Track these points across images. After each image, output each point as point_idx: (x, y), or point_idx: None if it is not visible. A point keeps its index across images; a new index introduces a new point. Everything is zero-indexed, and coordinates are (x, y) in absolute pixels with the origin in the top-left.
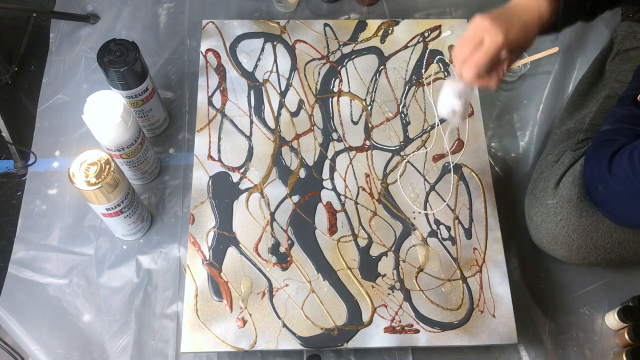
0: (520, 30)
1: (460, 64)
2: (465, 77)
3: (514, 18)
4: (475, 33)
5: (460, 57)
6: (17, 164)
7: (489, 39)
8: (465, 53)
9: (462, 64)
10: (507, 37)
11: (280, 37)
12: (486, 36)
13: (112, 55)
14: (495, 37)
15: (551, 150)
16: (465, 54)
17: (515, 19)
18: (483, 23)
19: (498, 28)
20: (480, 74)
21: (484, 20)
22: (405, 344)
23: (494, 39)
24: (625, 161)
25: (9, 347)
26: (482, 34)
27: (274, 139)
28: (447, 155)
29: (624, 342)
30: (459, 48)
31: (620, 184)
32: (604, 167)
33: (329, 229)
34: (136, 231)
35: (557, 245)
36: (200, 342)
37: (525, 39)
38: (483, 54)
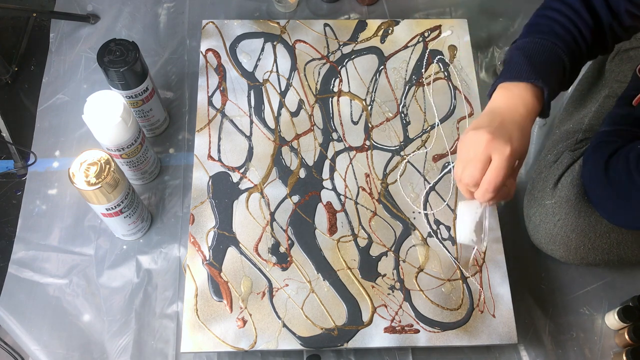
0: (520, 133)
1: (473, 187)
2: (484, 199)
3: (509, 123)
4: (477, 150)
5: (471, 180)
6: (17, 164)
7: (497, 155)
8: (476, 175)
9: (474, 187)
10: (513, 147)
11: (280, 37)
12: (493, 153)
13: (112, 55)
14: (503, 151)
15: (550, 151)
16: (477, 176)
17: (510, 124)
18: (482, 138)
19: (502, 140)
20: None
21: (481, 134)
22: (405, 344)
23: (502, 154)
24: (621, 164)
25: (9, 347)
26: (486, 150)
27: (274, 139)
28: (447, 155)
29: (624, 342)
30: (464, 170)
31: (616, 186)
32: (600, 169)
33: (329, 229)
34: (136, 231)
35: (556, 245)
36: (200, 342)
37: (525, 138)
38: (497, 171)
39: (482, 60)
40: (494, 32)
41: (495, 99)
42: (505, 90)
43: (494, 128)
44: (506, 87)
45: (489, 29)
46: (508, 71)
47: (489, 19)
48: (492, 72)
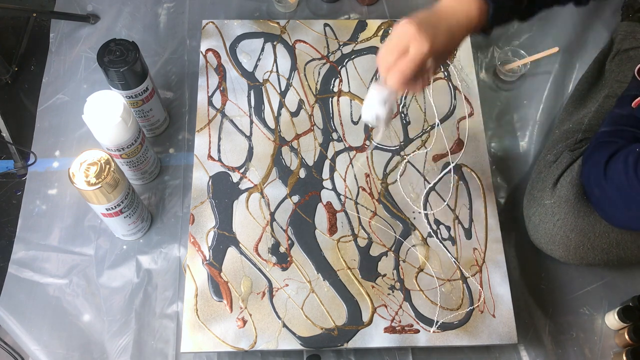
0: (447, 36)
1: (385, 71)
2: (390, 84)
3: (441, 24)
4: (400, 39)
5: (385, 64)
6: (17, 164)
7: (414, 47)
8: (389, 60)
9: (387, 71)
10: (433, 46)
11: (280, 37)
12: (412, 44)
13: (112, 55)
14: (421, 46)
15: (550, 150)
16: (390, 61)
17: (442, 25)
18: (409, 29)
19: (424, 36)
20: (406, 81)
21: (409, 26)
22: (405, 344)
23: (419, 48)
24: (620, 166)
25: (9, 347)
26: (407, 41)
27: (274, 139)
28: (447, 155)
29: (624, 342)
30: (384, 54)
31: (615, 188)
32: (600, 170)
33: (329, 229)
34: (136, 231)
35: (555, 245)
36: (200, 342)
37: (452, 44)
38: (408, 62)
39: (482, 60)
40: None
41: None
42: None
43: (425, 24)
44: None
45: None
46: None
47: None
48: (492, 72)
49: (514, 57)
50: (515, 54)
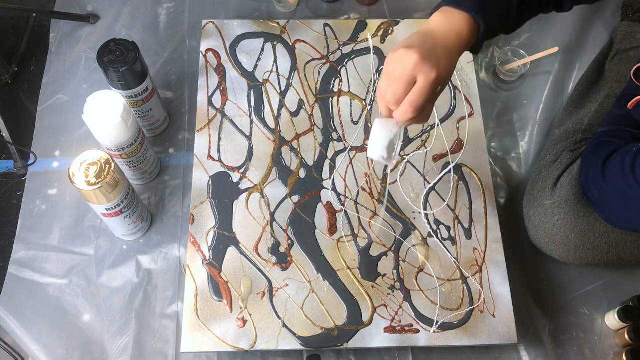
0: (448, 60)
1: (393, 105)
2: (402, 119)
3: (440, 49)
4: (404, 70)
5: (393, 98)
6: (17, 164)
7: (423, 77)
8: (398, 93)
9: (395, 105)
10: (439, 72)
11: (280, 37)
12: (419, 74)
13: (112, 55)
14: (429, 75)
15: (549, 151)
16: (398, 94)
17: (441, 50)
18: (411, 58)
19: (430, 64)
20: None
21: (411, 55)
22: (405, 344)
23: (428, 77)
24: (617, 166)
25: (9, 347)
26: (413, 71)
27: (274, 139)
28: (447, 155)
29: (624, 342)
30: (387, 86)
31: (612, 188)
32: (598, 170)
33: (329, 229)
34: (136, 231)
35: (555, 245)
36: (200, 342)
37: (452, 68)
38: (420, 93)
39: (482, 60)
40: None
41: (433, 21)
42: (445, 15)
43: (425, 50)
44: (446, 12)
45: None
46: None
47: None
48: (492, 72)
49: (514, 57)
50: (515, 54)
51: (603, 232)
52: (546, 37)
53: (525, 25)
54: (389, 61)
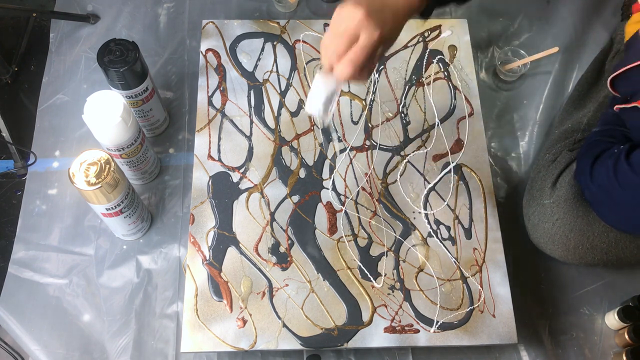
0: (393, 22)
1: (334, 60)
2: (341, 75)
3: (388, 8)
4: (348, 26)
5: (334, 53)
6: (17, 164)
7: (365, 35)
8: (339, 48)
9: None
10: (383, 32)
11: (280, 37)
12: (362, 31)
13: (112, 55)
14: (372, 33)
15: (548, 150)
16: (340, 49)
17: (388, 10)
18: (356, 15)
19: (374, 23)
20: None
21: (356, 12)
22: (405, 344)
23: (371, 35)
24: (602, 168)
25: (9, 347)
26: (356, 28)
27: (274, 139)
28: (447, 155)
29: (624, 342)
30: (331, 41)
31: (599, 189)
32: (587, 171)
33: (329, 229)
34: (136, 231)
35: (554, 245)
36: (200, 342)
37: (398, 30)
38: (361, 51)
39: (482, 60)
40: (494, 32)
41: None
42: None
43: (372, 8)
44: None
45: (489, 28)
46: None
47: (489, 18)
48: (492, 72)
49: (514, 57)
50: (515, 54)
51: (602, 232)
52: (546, 37)
53: (525, 25)
54: (336, 16)
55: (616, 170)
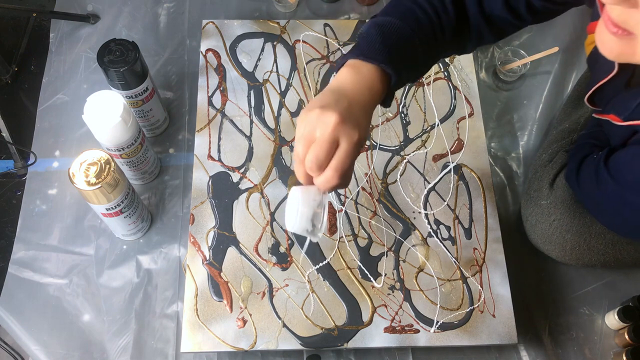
0: (366, 119)
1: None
2: (326, 186)
3: (356, 107)
4: (324, 132)
5: (317, 164)
6: (17, 164)
7: (346, 140)
8: (321, 158)
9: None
10: (361, 133)
11: (280, 37)
12: (342, 137)
13: (112, 55)
14: (352, 137)
15: (545, 150)
16: (322, 159)
17: (357, 108)
18: (330, 120)
19: (351, 125)
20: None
21: (329, 116)
22: (405, 344)
23: (351, 139)
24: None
25: (9, 347)
26: (333, 133)
27: (274, 139)
28: (447, 155)
29: (624, 342)
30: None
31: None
32: (573, 176)
33: (329, 229)
34: (136, 231)
35: (551, 245)
36: (200, 342)
37: (369, 126)
38: (345, 158)
39: (482, 60)
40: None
41: (342, 77)
42: (354, 70)
43: (343, 110)
44: (355, 66)
45: None
46: (361, 48)
47: None
48: (492, 72)
49: (514, 57)
50: (515, 54)
51: (599, 233)
52: (546, 37)
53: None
54: (304, 122)
55: (597, 176)
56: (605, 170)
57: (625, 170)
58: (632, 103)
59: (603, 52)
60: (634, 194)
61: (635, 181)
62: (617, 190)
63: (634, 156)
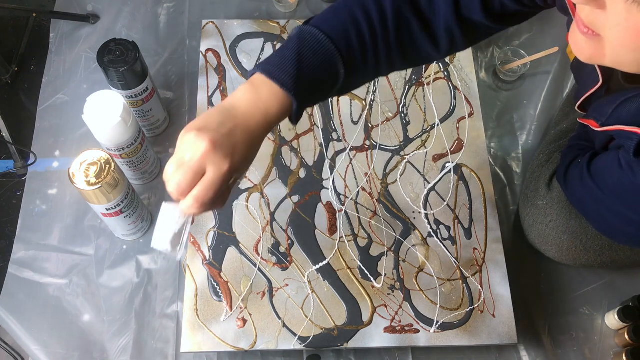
0: (246, 145)
1: (179, 195)
2: (187, 212)
3: (238, 131)
4: (192, 158)
5: (177, 190)
6: (17, 164)
7: (212, 170)
8: (183, 183)
9: (180, 196)
10: (233, 163)
11: (280, 37)
12: (209, 165)
13: (112, 55)
14: (219, 168)
15: (543, 150)
16: (184, 186)
17: (240, 133)
18: (200, 146)
19: (222, 155)
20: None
21: (200, 142)
22: (405, 344)
23: (219, 169)
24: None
25: (9, 347)
26: (201, 160)
27: (274, 138)
28: (447, 155)
29: (624, 342)
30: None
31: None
32: (562, 176)
33: (329, 229)
34: (136, 231)
35: (548, 246)
36: (200, 342)
37: (252, 152)
38: (207, 188)
39: (482, 60)
40: None
41: (239, 94)
42: (253, 89)
43: (220, 136)
44: (256, 85)
45: None
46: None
47: None
48: (492, 72)
49: (514, 57)
50: (515, 54)
51: (595, 234)
52: (546, 37)
53: (525, 25)
54: (180, 143)
55: (582, 180)
56: (588, 175)
57: (605, 174)
58: (608, 109)
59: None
60: (613, 199)
61: (615, 186)
62: (599, 195)
63: (612, 162)
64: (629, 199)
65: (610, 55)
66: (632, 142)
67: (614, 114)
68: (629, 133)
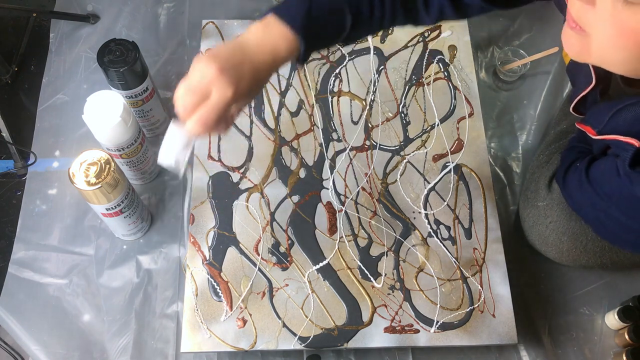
0: (252, 78)
1: (185, 115)
2: (191, 132)
3: (246, 64)
4: (201, 81)
5: (184, 107)
6: (17, 164)
7: (217, 93)
8: (189, 103)
9: (187, 115)
10: (237, 91)
11: None
12: (214, 90)
13: (112, 55)
14: (224, 93)
15: (543, 151)
16: (189, 104)
17: (247, 65)
18: (209, 71)
19: (227, 81)
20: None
21: (209, 67)
22: (405, 344)
23: (222, 95)
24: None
25: (9, 347)
26: (208, 84)
27: (274, 139)
28: (447, 155)
29: (624, 342)
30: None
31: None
32: (561, 178)
33: (329, 229)
34: (136, 231)
35: (548, 247)
36: (200, 342)
37: (258, 85)
38: (210, 110)
39: (482, 60)
40: (494, 32)
41: (251, 32)
42: (265, 28)
43: (229, 65)
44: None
45: (489, 28)
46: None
47: (489, 18)
48: (492, 72)
49: (514, 57)
50: (515, 54)
51: (595, 236)
52: (546, 37)
53: (525, 25)
54: (193, 67)
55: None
56: (586, 180)
57: (604, 181)
58: (605, 116)
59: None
60: (612, 207)
61: (613, 194)
62: (598, 201)
63: (610, 169)
64: (628, 208)
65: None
66: (628, 153)
67: (611, 122)
68: (625, 144)
